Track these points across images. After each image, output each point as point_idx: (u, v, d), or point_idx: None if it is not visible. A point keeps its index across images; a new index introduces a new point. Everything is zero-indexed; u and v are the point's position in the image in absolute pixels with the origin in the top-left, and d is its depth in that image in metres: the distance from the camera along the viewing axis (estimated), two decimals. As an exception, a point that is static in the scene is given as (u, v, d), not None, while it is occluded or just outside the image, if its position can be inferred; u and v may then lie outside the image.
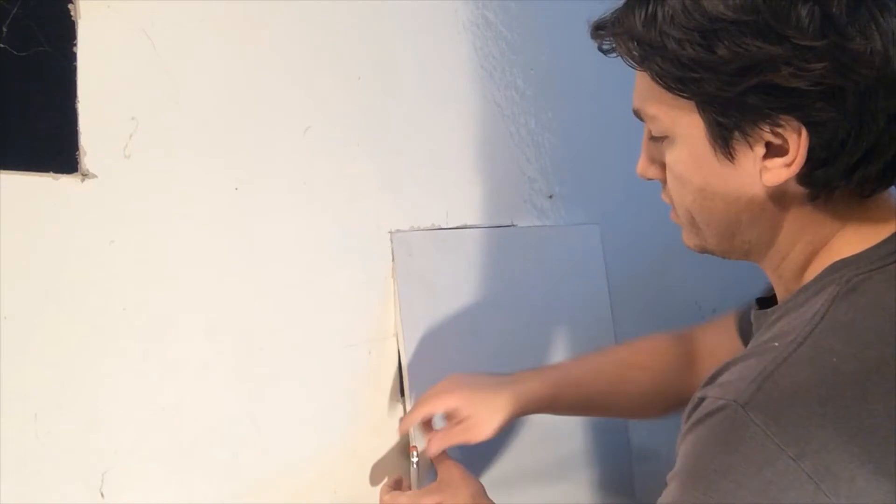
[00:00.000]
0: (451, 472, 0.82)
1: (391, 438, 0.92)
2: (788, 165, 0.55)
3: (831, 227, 0.59)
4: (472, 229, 0.99)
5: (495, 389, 0.84)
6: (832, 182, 0.56)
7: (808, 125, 0.53)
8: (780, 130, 0.54)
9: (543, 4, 1.08)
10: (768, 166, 0.56)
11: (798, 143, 0.54)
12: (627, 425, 1.12)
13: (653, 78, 0.57)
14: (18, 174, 0.67)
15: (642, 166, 0.66)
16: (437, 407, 0.85)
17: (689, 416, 0.57)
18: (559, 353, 1.06)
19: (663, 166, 0.63)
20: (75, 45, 0.70)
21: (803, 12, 0.51)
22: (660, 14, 0.55)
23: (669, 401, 0.86)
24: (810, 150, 0.54)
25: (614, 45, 0.60)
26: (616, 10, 0.60)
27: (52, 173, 0.68)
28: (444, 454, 0.86)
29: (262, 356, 0.82)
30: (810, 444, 0.49)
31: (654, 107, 0.60)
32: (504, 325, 1.00)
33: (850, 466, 0.49)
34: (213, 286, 0.78)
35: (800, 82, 0.52)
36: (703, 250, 0.65)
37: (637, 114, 0.63)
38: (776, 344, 0.55)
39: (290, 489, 0.84)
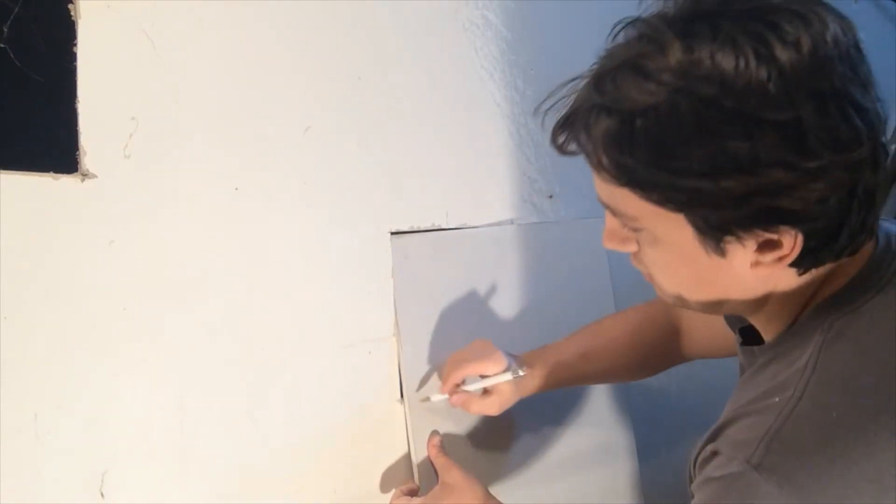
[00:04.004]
0: (453, 475, 0.82)
1: (391, 438, 0.92)
2: (781, 259, 0.54)
3: (815, 285, 0.59)
4: (472, 229, 0.99)
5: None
6: (824, 262, 0.56)
7: (804, 230, 0.53)
8: (775, 231, 0.53)
9: (543, 4, 1.08)
10: (760, 260, 0.55)
11: (793, 243, 0.53)
12: (633, 424, 1.12)
13: (634, 192, 0.54)
14: (18, 174, 0.67)
15: (612, 243, 0.63)
16: (476, 371, 0.88)
17: (701, 467, 0.59)
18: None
19: (636, 240, 0.60)
20: (75, 45, 0.70)
21: (812, 137, 0.49)
22: (644, 136, 0.52)
23: (657, 368, 0.96)
24: (804, 243, 0.53)
25: (577, 148, 0.58)
26: (581, 103, 0.57)
27: (52, 173, 0.68)
28: (445, 456, 0.86)
29: (262, 356, 0.82)
30: (824, 500, 0.51)
31: (633, 209, 0.56)
32: (505, 325, 1.00)
33: None
34: (213, 286, 0.78)
35: (801, 204, 0.51)
36: (684, 307, 0.64)
37: (605, 206, 0.59)
38: (776, 399, 0.56)
39: (289, 489, 0.84)
